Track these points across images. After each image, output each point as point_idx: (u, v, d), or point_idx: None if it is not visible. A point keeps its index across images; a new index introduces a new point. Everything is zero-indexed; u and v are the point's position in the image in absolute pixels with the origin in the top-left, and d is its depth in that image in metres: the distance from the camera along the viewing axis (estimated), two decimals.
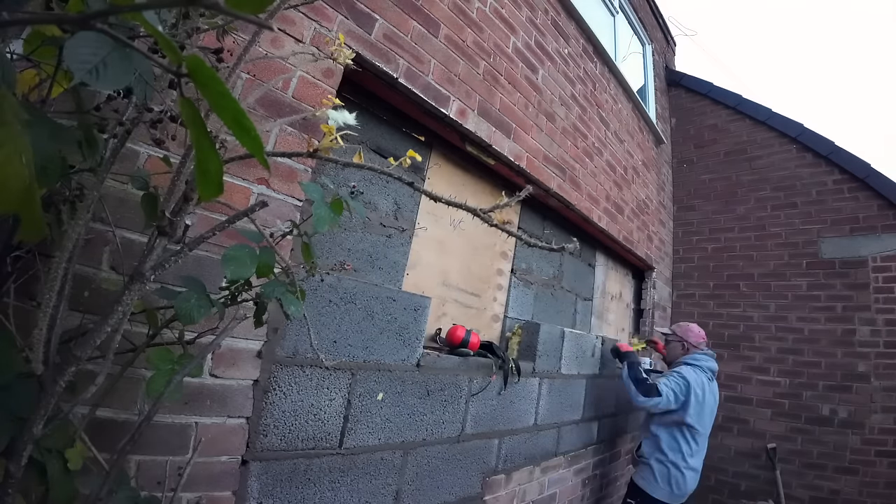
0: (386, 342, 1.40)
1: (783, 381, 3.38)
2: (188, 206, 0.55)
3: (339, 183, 1.48)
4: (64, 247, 0.48)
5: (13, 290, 0.63)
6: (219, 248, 0.96)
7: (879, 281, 3.15)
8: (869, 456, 2.93)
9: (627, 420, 3.14)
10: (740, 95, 4.15)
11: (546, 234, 2.57)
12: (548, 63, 2.36)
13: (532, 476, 2.07)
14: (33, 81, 0.60)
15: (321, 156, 0.72)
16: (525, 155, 2.09)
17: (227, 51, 0.66)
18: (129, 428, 0.74)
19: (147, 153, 0.91)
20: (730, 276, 3.82)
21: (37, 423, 0.48)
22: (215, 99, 0.31)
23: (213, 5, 0.25)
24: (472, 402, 1.73)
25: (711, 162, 4.18)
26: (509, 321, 2.26)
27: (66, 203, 0.60)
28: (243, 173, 1.07)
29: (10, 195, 0.39)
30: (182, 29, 0.53)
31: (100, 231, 0.84)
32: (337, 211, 0.72)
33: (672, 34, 5.01)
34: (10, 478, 0.47)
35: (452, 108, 1.69)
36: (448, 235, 1.96)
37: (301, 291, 0.75)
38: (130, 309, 0.54)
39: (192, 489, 0.95)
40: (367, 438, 1.35)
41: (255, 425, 1.09)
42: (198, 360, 0.68)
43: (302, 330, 1.18)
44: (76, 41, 0.35)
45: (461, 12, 1.78)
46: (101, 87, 0.39)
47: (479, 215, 0.68)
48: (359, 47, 1.35)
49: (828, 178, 3.53)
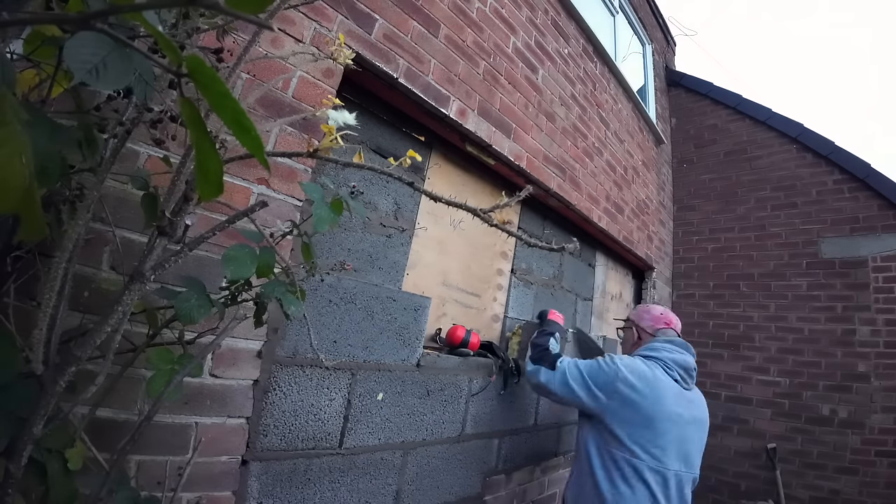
0: (386, 342, 1.40)
1: (783, 381, 3.37)
2: (188, 206, 0.55)
3: (339, 183, 1.48)
4: (64, 247, 0.48)
5: (13, 290, 0.63)
6: (219, 248, 0.96)
7: (879, 281, 3.15)
8: (869, 456, 2.93)
9: None
10: (740, 95, 4.15)
11: (546, 234, 2.57)
12: (548, 63, 2.36)
13: (532, 476, 2.07)
14: (33, 81, 0.60)
15: (321, 156, 0.72)
16: (525, 155, 2.09)
17: (227, 51, 0.66)
18: (129, 428, 0.74)
19: (147, 153, 0.91)
20: (730, 276, 3.82)
21: (37, 423, 0.48)
22: (215, 99, 0.31)
23: (213, 5, 0.25)
24: (473, 402, 1.72)
25: (711, 162, 4.18)
26: (509, 321, 2.26)
27: (66, 203, 0.60)
28: (243, 173, 1.07)
29: (10, 195, 0.39)
30: (182, 29, 0.53)
31: (100, 231, 0.84)
32: (337, 211, 0.72)
33: (672, 34, 5.00)
34: (10, 478, 0.47)
35: (452, 108, 1.69)
36: (448, 235, 1.96)
37: (301, 291, 0.75)
38: (130, 309, 0.54)
39: (192, 489, 0.95)
40: (367, 438, 1.35)
41: (256, 425, 1.09)
42: (198, 360, 0.68)
43: (302, 330, 1.18)
44: (76, 41, 0.35)
45: (461, 12, 1.78)
46: (101, 87, 0.39)
47: (479, 215, 0.68)
48: (359, 47, 1.35)
49: (828, 178, 3.52)
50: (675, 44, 5.12)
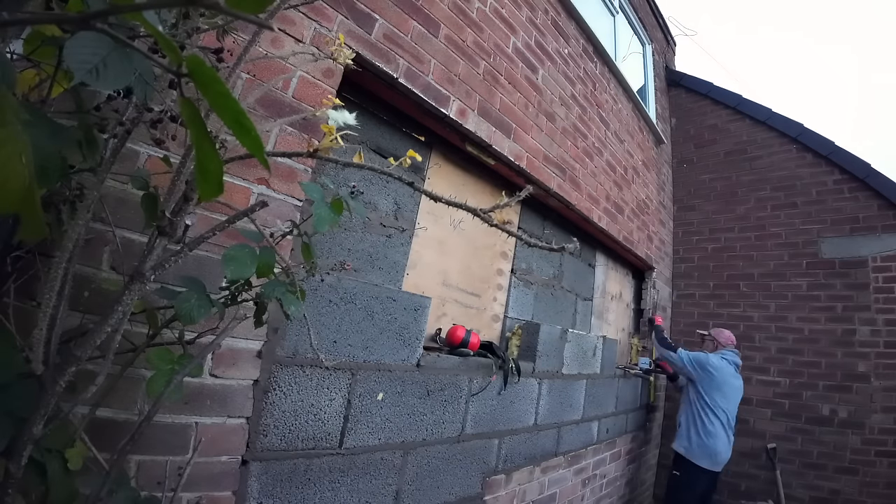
0: (386, 342, 1.40)
1: (783, 381, 3.38)
2: (188, 206, 0.55)
3: (339, 183, 1.48)
4: (64, 247, 0.48)
5: (13, 290, 0.63)
6: (219, 248, 0.96)
7: (879, 281, 3.15)
8: (869, 456, 2.93)
9: (627, 420, 3.14)
10: (740, 95, 4.15)
11: (546, 234, 2.57)
12: (548, 63, 2.36)
13: (532, 476, 2.07)
14: (33, 81, 0.60)
15: (321, 156, 0.72)
16: (525, 155, 2.09)
17: (227, 51, 0.66)
18: (129, 428, 0.74)
19: (147, 153, 0.91)
20: (730, 276, 3.82)
21: (37, 423, 0.48)
22: (215, 99, 0.31)
23: (213, 5, 0.25)
24: (472, 402, 1.73)
25: (711, 162, 4.18)
26: (509, 321, 2.26)
27: (66, 203, 0.60)
28: (243, 173, 1.07)
29: (10, 195, 0.39)
30: (182, 29, 0.53)
31: (100, 231, 0.84)
32: (337, 211, 0.72)
33: (672, 34, 5.01)
34: (10, 478, 0.47)
35: (452, 108, 1.69)
36: (448, 235, 1.96)
37: (301, 291, 0.75)
38: (130, 309, 0.54)
39: (192, 489, 0.95)
40: (368, 438, 1.35)
41: (255, 425, 1.09)
42: (198, 360, 0.68)
43: (302, 330, 1.18)
44: (76, 41, 0.35)
45: (461, 12, 1.78)
46: (101, 87, 0.39)
47: (480, 215, 0.68)
48: (359, 47, 1.35)
49: (828, 178, 3.52)
50: (675, 44, 5.13)
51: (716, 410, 2.69)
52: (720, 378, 2.71)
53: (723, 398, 2.70)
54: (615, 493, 2.95)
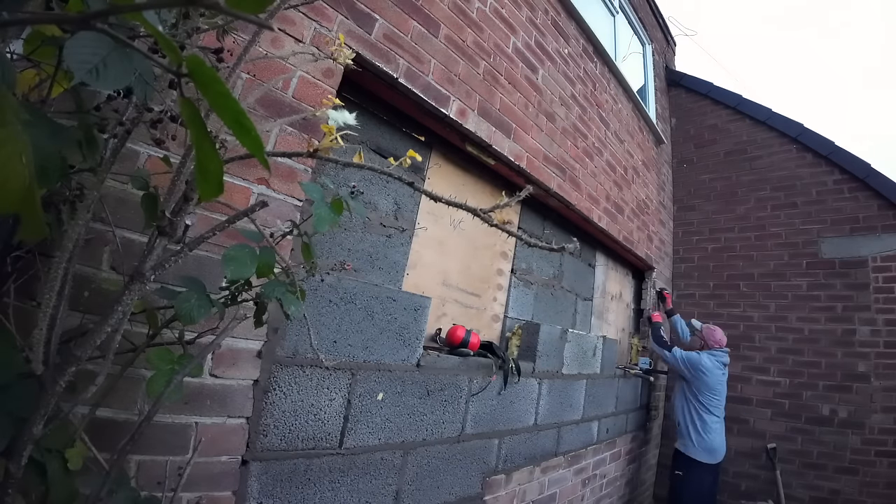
0: (386, 342, 1.40)
1: (783, 381, 3.38)
2: (188, 206, 0.55)
3: (339, 183, 1.48)
4: (64, 247, 0.48)
5: (13, 290, 0.63)
6: (219, 248, 0.96)
7: (879, 281, 3.15)
8: (869, 456, 2.93)
9: (627, 420, 3.14)
10: (740, 95, 4.15)
11: (546, 234, 2.57)
12: (548, 63, 2.36)
13: (532, 476, 2.07)
14: (33, 81, 0.60)
15: (321, 156, 0.72)
16: (525, 155, 2.09)
17: (227, 51, 0.66)
18: (129, 428, 0.74)
19: (147, 153, 0.91)
20: (730, 276, 3.82)
21: (37, 423, 0.48)
22: (215, 99, 0.31)
23: (213, 5, 0.25)
24: (472, 402, 1.73)
25: (711, 162, 4.18)
26: (509, 321, 2.26)
27: (66, 203, 0.60)
28: (243, 173, 1.07)
29: (10, 195, 0.39)
30: (182, 29, 0.53)
31: (100, 231, 0.84)
32: (337, 211, 0.72)
33: (672, 34, 5.00)
34: (10, 478, 0.47)
35: (452, 108, 1.69)
36: (448, 235, 1.96)
37: (301, 291, 0.75)
38: (130, 309, 0.54)
39: (192, 489, 0.95)
40: (367, 438, 1.35)
41: (255, 425, 1.09)
42: (198, 360, 0.68)
43: (302, 330, 1.18)
44: (76, 41, 0.35)
45: (461, 12, 1.78)
46: (101, 87, 0.39)
47: (479, 215, 0.68)
48: (359, 47, 1.35)
49: (828, 178, 3.52)
50: (675, 44, 5.12)
51: (710, 408, 2.83)
52: (712, 379, 2.83)
53: (715, 396, 2.85)
54: (615, 493, 2.94)
